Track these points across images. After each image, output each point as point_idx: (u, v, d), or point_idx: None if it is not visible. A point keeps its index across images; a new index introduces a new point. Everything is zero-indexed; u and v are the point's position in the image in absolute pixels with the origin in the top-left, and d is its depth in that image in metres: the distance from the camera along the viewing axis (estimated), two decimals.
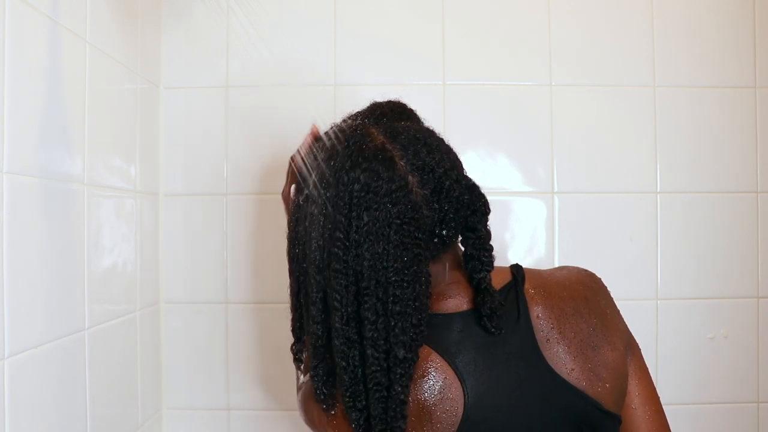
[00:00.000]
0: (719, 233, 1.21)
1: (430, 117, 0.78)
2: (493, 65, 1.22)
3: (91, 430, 0.91)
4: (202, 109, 1.21)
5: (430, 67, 1.21)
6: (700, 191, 1.21)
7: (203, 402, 1.22)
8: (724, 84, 1.21)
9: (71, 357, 0.86)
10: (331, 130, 0.70)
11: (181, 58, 1.21)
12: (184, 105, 1.22)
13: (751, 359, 1.21)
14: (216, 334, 1.22)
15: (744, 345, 1.21)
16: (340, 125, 0.70)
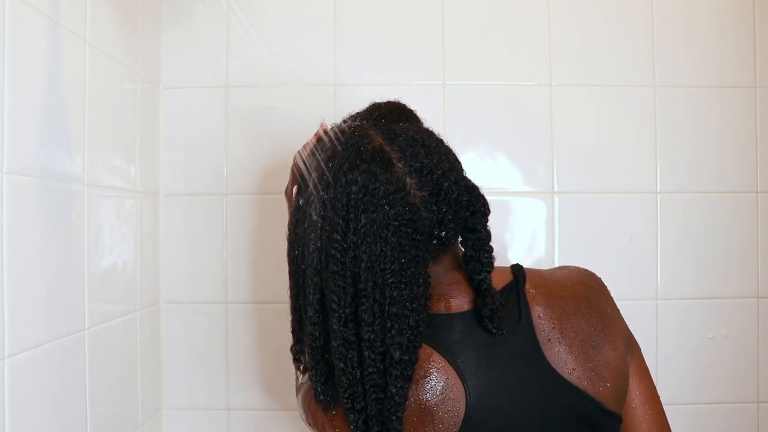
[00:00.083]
0: (719, 233, 1.21)
1: (430, 117, 0.78)
2: (493, 65, 1.22)
3: (91, 430, 0.91)
4: (202, 109, 1.21)
5: (430, 67, 1.21)
6: (700, 191, 1.21)
7: (203, 402, 1.22)
8: (724, 84, 1.21)
9: (71, 357, 0.86)
10: (330, 130, 0.70)
11: (181, 58, 1.21)
12: (184, 105, 1.22)
13: (751, 359, 1.21)
14: (216, 334, 1.22)
15: (744, 345, 1.21)
16: (338, 126, 0.70)
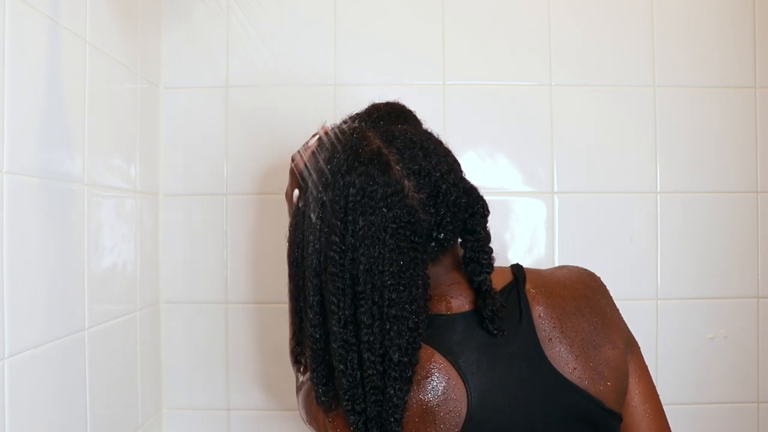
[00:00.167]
0: (719, 233, 1.21)
1: (430, 117, 0.78)
2: (493, 65, 1.22)
3: (91, 430, 0.91)
4: (202, 109, 1.21)
5: (430, 67, 1.21)
6: (700, 191, 1.21)
7: (203, 402, 1.22)
8: (724, 84, 1.21)
9: (71, 357, 0.86)
10: (329, 132, 0.70)
11: (181, 58, 1.21)
12: (184, 105, 1.22)
13: (751, 359, 1.21)
14: (216, 334, 1.22)
15: (744, 345, 1.21)
16: (337, 128, 0.70)
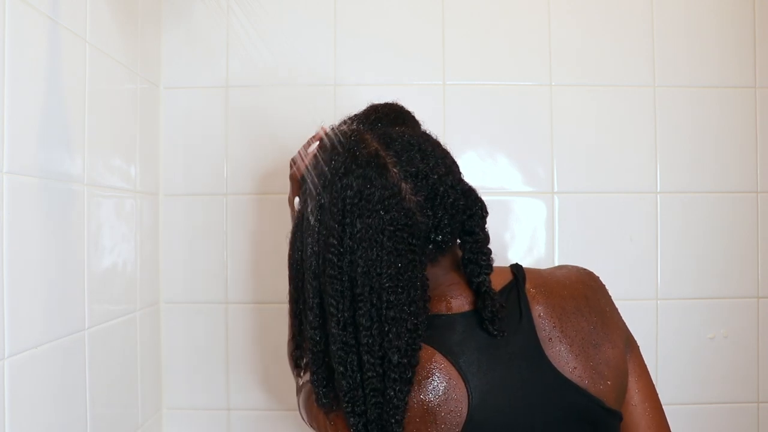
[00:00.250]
0: (719, 233, 1.21)
1: (430, 117, 0.78)
2: (493, 65, 1.22)
3: (91, 430, 0.91)
4: (202, 109, 1.21)
5: (429, 67, 1.21)
6: (700, 191, 1.21)
7: (203, 402, 1.22)
8: (724, 84, 1.21)
9: (71, 357, 0.86)
10: (327, 134, 0.70)
11: (181, 58, 1.21)
12: (184, 105, 1.22)
13: (751, 359, 1.21)
14: (216, 334, 1.22)
15: (744, 345, 1.21)
16: (335, 130, 0.70)
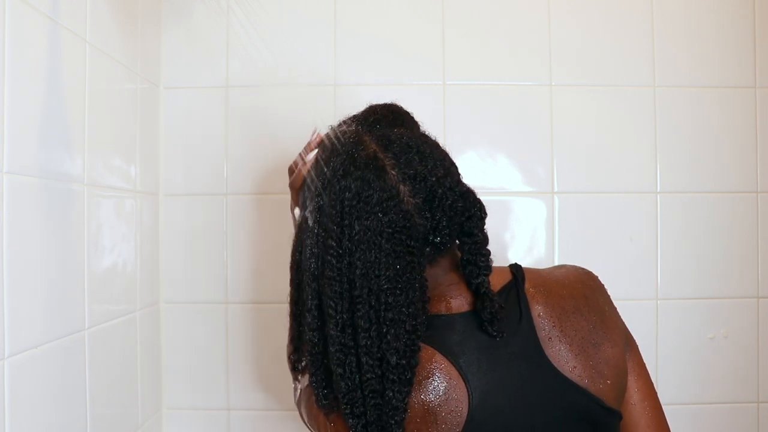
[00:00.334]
0: (719, 233, 1.21)
1: (429, 117, 0.78)
2: (493, 65, 1.22)
3: (91, 430, 0.91)
4: (202, 109, 1.21)
5: (429, 67, 1.21)
6: (700, 191, 1.21)
7: (203, 402, 1.22)
8: (724, 84, 1.21)
9: (71, 357, 0.86)
10: (325, 136, 0.70)
11: (181, 58, 1.21)
12: (184, 105, 1.22)
13: (751, 359, 1.21)
14: (216, 334, 1.22)
15: (744, 345, 1.21)
16: (334, 131, 0.70)
